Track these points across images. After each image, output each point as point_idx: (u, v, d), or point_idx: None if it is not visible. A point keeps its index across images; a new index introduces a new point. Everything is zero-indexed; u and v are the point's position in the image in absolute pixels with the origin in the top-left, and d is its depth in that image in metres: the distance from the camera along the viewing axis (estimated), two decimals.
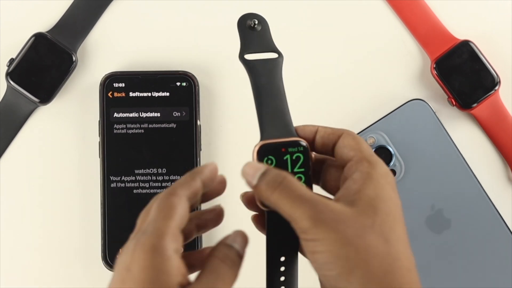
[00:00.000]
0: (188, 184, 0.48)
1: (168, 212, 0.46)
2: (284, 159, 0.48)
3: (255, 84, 0.50)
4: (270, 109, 0.50)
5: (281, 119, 0.50)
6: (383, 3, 0.78)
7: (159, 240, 0.44)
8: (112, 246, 0.74)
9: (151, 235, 0.44)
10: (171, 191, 0.47)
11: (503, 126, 0.77)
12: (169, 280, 0.43)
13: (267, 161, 0.48)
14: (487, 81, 0.76)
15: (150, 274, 0.43)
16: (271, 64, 0.51)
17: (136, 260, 0.44)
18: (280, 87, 0.51)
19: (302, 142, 0.49)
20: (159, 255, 0.44)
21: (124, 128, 0.75)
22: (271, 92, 0.50)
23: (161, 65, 0.77)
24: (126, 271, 0.44)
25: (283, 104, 0.50)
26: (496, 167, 0.77)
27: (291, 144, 0.49)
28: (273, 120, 0.49)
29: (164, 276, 0.43)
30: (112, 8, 0.77)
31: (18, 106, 0.76)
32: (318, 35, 0.78)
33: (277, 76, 0.51)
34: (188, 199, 0.47)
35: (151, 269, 0.43)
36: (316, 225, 0.44)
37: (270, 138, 0.49)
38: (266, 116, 0.49)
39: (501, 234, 0.74)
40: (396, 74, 0.78)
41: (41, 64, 0.75)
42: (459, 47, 0.76)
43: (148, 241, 0.44)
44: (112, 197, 0.74)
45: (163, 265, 0.43)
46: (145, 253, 0.44)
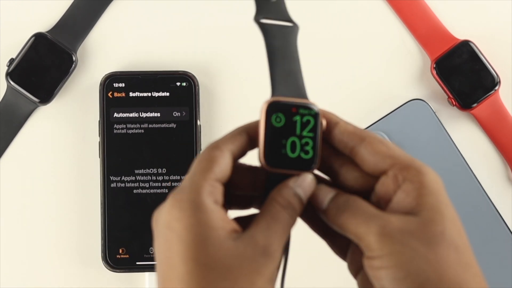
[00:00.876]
0: (233, 137, 0.45)
1: (207, 165, 0.43)
2: (293, 120, 0.46)
3: (270, 45, 0.48)
4: (284, 70, 0.47)
5: (294, 81, 0.48)
6: (383, 3, 0.78)
7: (197, 195, 0.42)
8: (112, 246, 0.74)
9: (189, 191, 0.43)
10: (214, 145, 0.45)
11: (503, 126, 0.76)
12: (216, 234, 0.42)
13: (276, 119, 0.46)
14: (487, 81, 0.75)
15: (194, 230, 0.41)
16: (286, 30, 0.49)
17: (176, 218, 0.42)
18: (295, 51, 0.48)
19: (314, 106, 0.47)
20: (200, 210, 0.42)
21: (124, 128, 0.75)
22: (286, 54, 0.48)
23: (161, 65, 0.77)
24: (169, 231, 0.42)
25: (297, 68, 0.48)
26: (496, 167, 0.77)
27: (303, 106, 0.47)
28: (286, 80, 0.47)
29: (209, 231, 0.42)
30: (112, 8, 0.77)
31: (18, 106, 0.76)
32: (318, 35, 0.77)
33: (292, 41, 0.48)
34: (232, 153, 0.45)
35: (195, 226, 0.42)
36: (382, 240, 0.41)
37: (281, 96, 0.47)
38: (279, 75, 0.47)
39: (502, 234, 0.74)
40: (395, 74, 0.77)
41: (41, 64, 0.75)
42: (459, 47, 0.76)
43: (186, 197, 0.42)
44: (112, 197, 0.74)
45: (205, 220, 0.42)
46: (185, 211, 0.42)
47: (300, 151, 0.46)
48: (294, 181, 0.46)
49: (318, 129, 0.46)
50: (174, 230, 0.42)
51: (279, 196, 0.45)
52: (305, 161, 0.46)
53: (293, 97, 0.47)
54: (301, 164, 0.46)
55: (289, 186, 0.45)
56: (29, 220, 0.76)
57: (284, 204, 0.45)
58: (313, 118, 0.46)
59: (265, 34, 0.48)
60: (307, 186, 0.46)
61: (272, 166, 0.46)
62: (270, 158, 0.46)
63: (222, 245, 0.42)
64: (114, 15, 0.77)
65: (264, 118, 0.46)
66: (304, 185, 0.46)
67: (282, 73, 0.47)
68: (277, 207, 0.44)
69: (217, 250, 0.42)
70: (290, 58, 0.48)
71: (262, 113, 0.46)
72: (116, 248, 0.74)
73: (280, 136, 0.46)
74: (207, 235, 0.42)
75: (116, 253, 0.74)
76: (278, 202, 0.45)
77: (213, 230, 0.42)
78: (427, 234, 0.42)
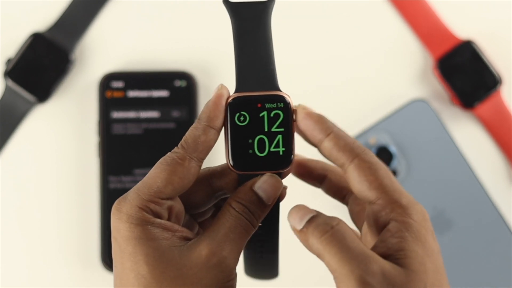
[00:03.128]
0: (198, 141, 0.43)
1: (156, 181, 0.43)
2: (260, 116, 0.42)
3: (237, 29, 0.43)
4: (251, 58, 0.43)
5: (263, 70, 0.43)
6: (385, 2, 0.78)
7: (135, 210, 0.42)
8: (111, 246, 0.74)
9: (129, 204, 0.42)
10: (178, 155, 0.43)
11: (505, 125, 0.76)
12: (155, 245, 0.41)
13: (239, 118, 0.43)
14: (489, 81, 0.76)
15: (133, 243, 0.41)
16: (258, 8, 0.44)
17: (116, 229, 0.42)
18: (266, 34, 0.43)
19: (283, 96, 0.43)
20: (135, 224, 0.42)
21: (123, 128, 0.75)
22: (255, 38, 0.43)
23: (160, 64, 0.76)
24: (114, 241, 0.43)
25: (268, 54, 0.43)
26: (498, 167, 0.77)
27: (270, 98, 0.42)
28: (252, 70, 0.43)
29: (149, 242, 0.41)
30: (111, 7, 0.77)
31: (16, 105, 0.76)
32: (320, 34, 0.77)
33: (265, 22, 0.43)
34: (198, 160, 0.43)
35: (134, 239, 0.41)
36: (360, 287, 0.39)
37: (245, 91, 0.43)
38: (244, 65, 0.43)
39: (503, 234, 0.74)
40: (397, 73, 0.77)
41: (39, 63, 0.75)
42: (462, 47, 0.76)
43: (124, 209, 0.42)
44: (111, 197, 0.74)
45: (145, 233, 0.41)
46: (123, 222, 0.42)
47: (269, 149, 0.43)
48: (254, 182, 0.43)
49: (290, 122, 0.43)
50: (117, 241, 0.42)
51: (233, 201, 0.43)
52: (277, 159, 0.43)
53: (259, 88, 0.43)
54: (273, 163, 0.43)
55: (245, 189, 0.43)
56: (28, 221, 0.75)
57: (239, 209, 0.43)
58: (282, 111, 0.43)
59: (233, 16, 0.44)
60: (270, 186, 0.43)
61: (240, 169, 0.43)
62: (237, 161, 0.43)
63: (163, 256, 0.41)
64: (113, 15, 0.77)
65: (227, 118, 0.43)
66: (265, 186, 0.43)
67: (248, 62, 0.43)
68: (229, 213, 0.42)
69: (157, 261, 0.41)
70: (260, 43, 0.43)
71: (225, 114, 0.43)
72: None
73: (246, 135, 0.43)
74: (147, 245, 0.41)
75: None
76: (232, 207, 0.43)
77: (152, 241, 0.41)
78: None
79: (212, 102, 0.43)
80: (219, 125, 0.43)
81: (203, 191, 0.45)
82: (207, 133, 0.43)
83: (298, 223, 0.42)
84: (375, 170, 0.42)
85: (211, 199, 0.46)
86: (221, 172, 0.45)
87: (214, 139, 0.43)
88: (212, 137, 0.43)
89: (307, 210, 0.43)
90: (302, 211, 0.42)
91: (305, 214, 0.42)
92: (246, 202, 0.43)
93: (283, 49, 0.53)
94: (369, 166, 0.42)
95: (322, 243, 0.40)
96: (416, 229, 0.41)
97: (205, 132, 0.43)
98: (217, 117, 0.43)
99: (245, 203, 0.43)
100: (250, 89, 0.43)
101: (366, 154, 0.43)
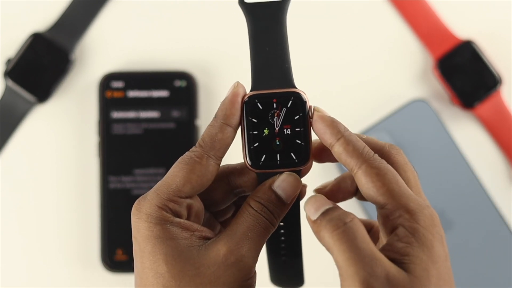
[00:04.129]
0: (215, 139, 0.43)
1: (175, 180, 0.43)
2: (276, 113, 0.42)
3: (253, 29, 0.43)
4: (266, 56, 0.43)
5: (278, 68, 0.43)
6: (385, 2, 0.78)
7: (154, 209, 0.42)
8: (111, 247, 0.74)
9: (149, 203, 0.43)
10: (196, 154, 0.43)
11: (505, 125, 0.76)
12: (177, 244, 0.42)
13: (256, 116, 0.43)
14: (489, 81, 0.76)
15: (152, 242, 0.42)
16: (274, 7, 0.44)
17: (136, 228, 0.42)
18: (281, 32, 0.44)
19: (300, 94, 0.43)
20: (155, 223, 0.42)
21: (123, 128, 0.75)
22: (270, 37, 0.43)
23: (160, 64, 0.76)
24: (135, 240, 0.43)
25: (283, 52, 0.43)
26: (498, 167, 0.77)
27: (286, 96, 0.42)
28: (268, 68, 0.43)
29: (168, 241, 0.42)
30: (111, 7, 0.77)
31: (16, 105, 0.76)
32: (320, 34, 0.77)
33: (280, 21, 0.44)
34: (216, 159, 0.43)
35: (153, 239, 0.42)
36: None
37: (261, 89, 0.43)
38: (260, 64, 0.43)
39: (503, 234, 0.74)
40: (397, 73, 0.77)
41: (39, 63, 0.75)
42: (462, 47, 0.76)
43: (144, 209, 0.42)
44: (111, 198, 0.74)
45: (163, 232, 0.42)
46: (143, 222, 0.42)
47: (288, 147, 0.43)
48: (273, 181, 0.43)
49: (306, 120, 0.43)
50: (137, 240, 0.43)
51: (252, 200, 0.43)
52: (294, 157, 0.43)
53: (275, 86, 0.43)
54: (291, 161, 0.43)
55: (264, 188, 0.43)
56: (27, 221, 0.75)
57: (257, 208, 0.43)
58: (300, 108, 0.43)
59: (248, 17, 0.44)
60: (288, 185, 0.43)
61: (258, 168, 0.43)
62: (255, 160, 0.43)
63: (181, 255, 0.41)
64: (113, 15, 0.77)
65: (244, 116, 0.43)
66: (284, 185, 0.43)
67: (264, 60, 0.43)
68: (248, 212, 0.43)
69: (175, 260, 0.41)
70: (275, 42, 0.43)
71: (241, 113, 0.43)
72: (114, 249, 0.74)
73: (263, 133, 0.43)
74: (167, 245, 0.42)
75: (115, 254, 0.74)
76: (251, 206, 0.43)
77: (171, 240, 0.42)
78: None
79: (228, 100, 0.43)
80: (236, 123, 0.43)
81: (222, 188, 0.45)
82: (224, 131, 0.43)
83: (314, 213, 0.42)
84: (382, 176, 0.42)
85: (230, 196, 0.46)
86: (240, 170, 0.45)
87: (231, 136, 0.43)
88: (229, 134, 0.43)
89: (324, 201, 0.42)
90: (318, 202, 0.42)
91: (321, 205, 0.42)
92: (265, 201, 0.43)
93: None
94: (376, 172, 0.42)
95: (333, 238, 0.40)
96: (423, 235, 0.41)
97: (222, 130, 0.43)
98: (234, 115, 0.43)
99: (264, 202, 0.43)
100: (266, 87, 0.43)
101: (375, 160, 0.42)
